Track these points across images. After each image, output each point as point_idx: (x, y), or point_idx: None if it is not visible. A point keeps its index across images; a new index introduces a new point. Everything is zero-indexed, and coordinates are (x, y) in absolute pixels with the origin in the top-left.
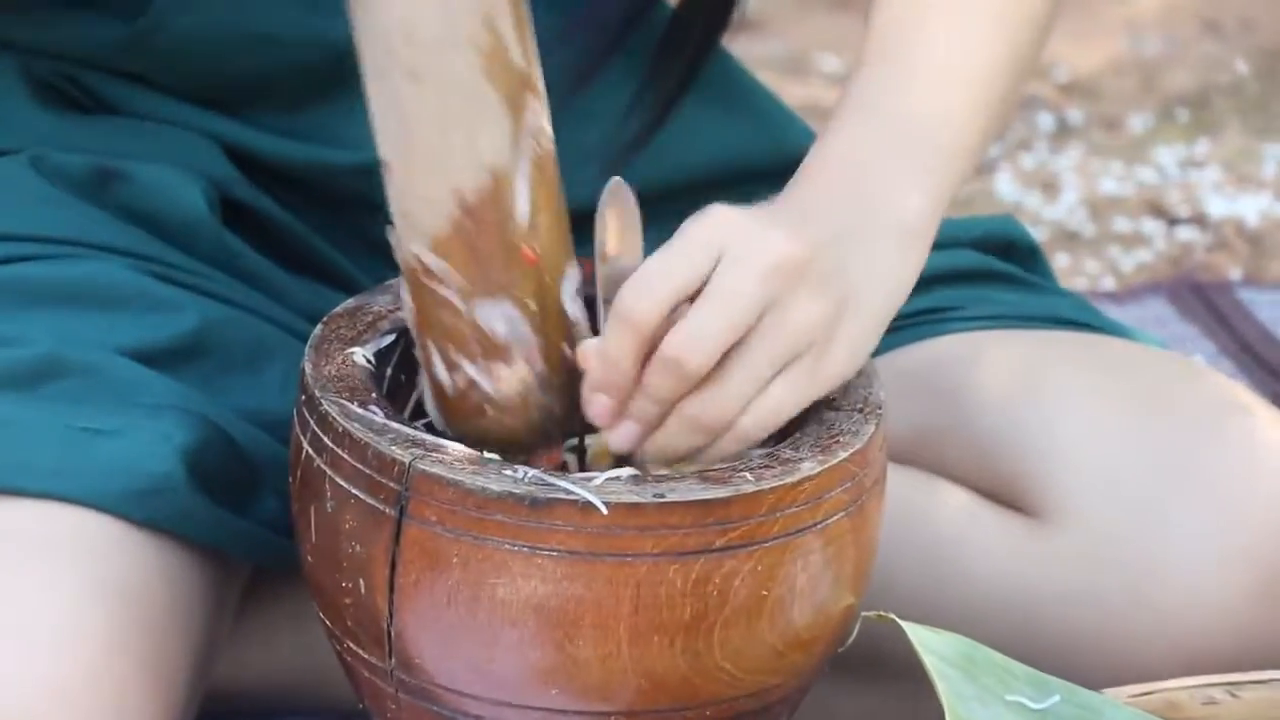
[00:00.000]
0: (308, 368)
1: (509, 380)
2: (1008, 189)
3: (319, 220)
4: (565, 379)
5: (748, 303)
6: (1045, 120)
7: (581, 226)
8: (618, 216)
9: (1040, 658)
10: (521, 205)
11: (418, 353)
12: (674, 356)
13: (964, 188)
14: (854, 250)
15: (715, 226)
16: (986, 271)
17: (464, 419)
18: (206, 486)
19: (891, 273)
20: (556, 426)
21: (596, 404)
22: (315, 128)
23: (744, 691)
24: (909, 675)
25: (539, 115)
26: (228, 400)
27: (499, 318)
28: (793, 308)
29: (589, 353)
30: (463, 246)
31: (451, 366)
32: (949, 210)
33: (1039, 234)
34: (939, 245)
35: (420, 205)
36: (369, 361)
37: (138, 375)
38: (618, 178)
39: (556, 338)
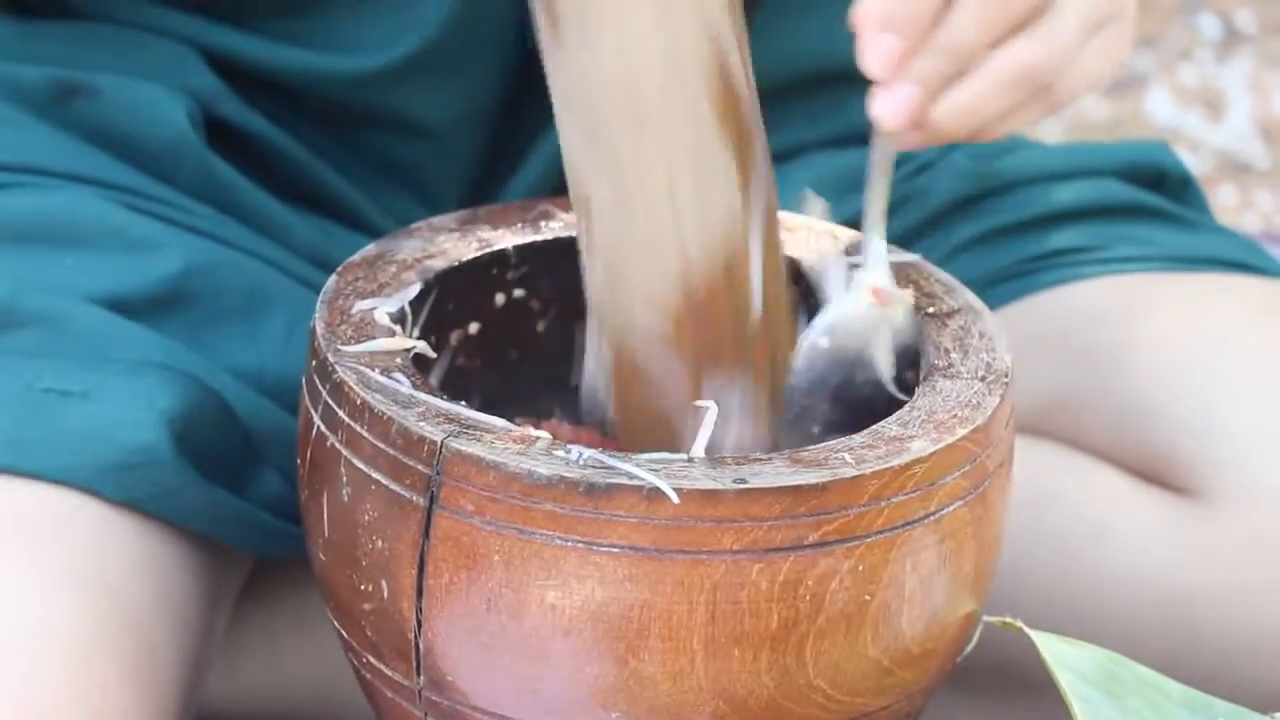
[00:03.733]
0: (319, 327)
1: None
2: (1163, 109)
3: (324, 144)
4: None
5: None
6: (1209, 24)
7: None
8: None
9: (1201, 672)
10: (755, 270)
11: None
12: None
13: (1109, 108)
14: None
15: None
16: (1133, 206)
17: None
18: (196, 460)
19: None
20: None
21: (879, 48)
22: (318, 30)
23: (842, 716)
24: (1040, 690)
25: (767, 162)
26: (219, 357)
27: (723, 396)
28: None
29: None
30: (687, 335)
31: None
32: (1088, 135)
33: (1201, 162)
34: (1075, 175)
35: (638, 276)
36: (393, 320)
37: (111, 326)
38: None
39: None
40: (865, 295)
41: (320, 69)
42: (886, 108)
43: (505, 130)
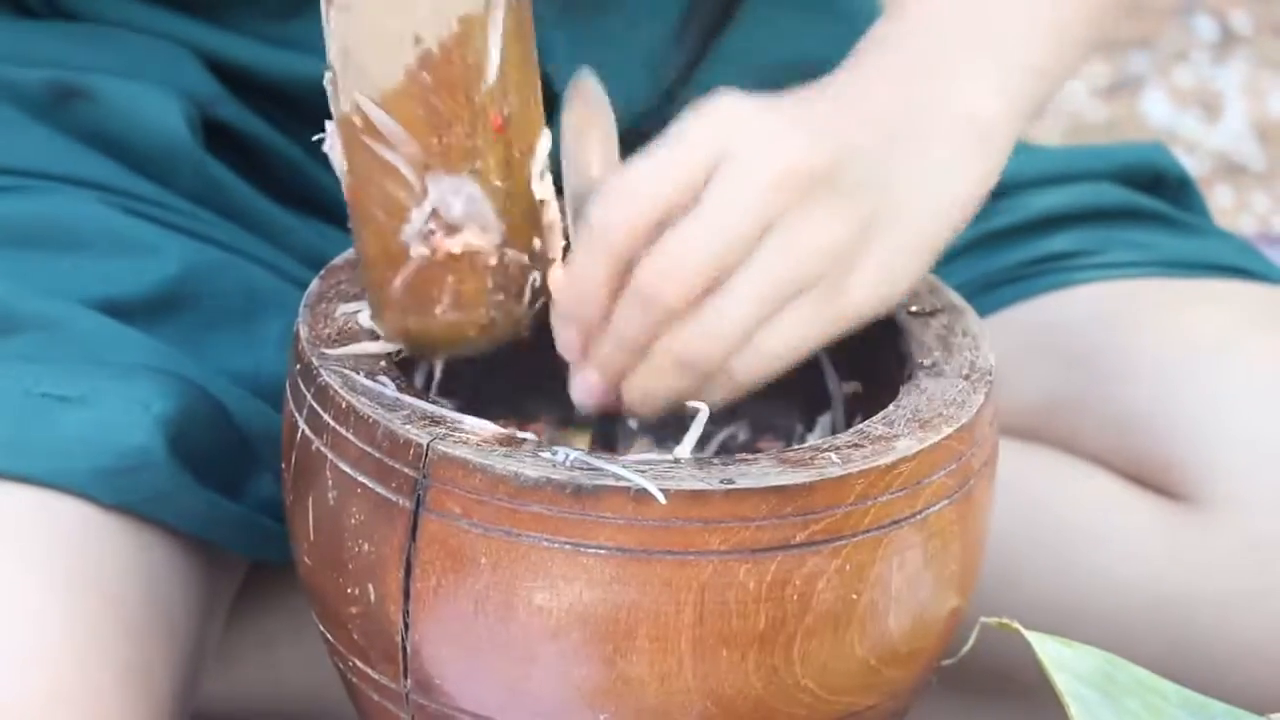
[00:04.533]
0: (303, 331)
1: (463, 265)
2: (1159, 110)
3: (320, 146)
4: (529, 278)
5: (743, 220)
6: (1205, 26)
7: (625, 142)
8: (587, 118)
9: (1197, 675)
10: (492, 61)
11: (350, 225)
12: (647, 289)
13: (1105, 109)
14: (900, 155)
15: (718, 123)
16: (1130, 209)
17: (403, 312)
18: (191, 463)
19: (948, 186)
20: (516, 336)
21: (563, 338)
22: (317, 35)
23: (830, 715)
24: (1037, 692)
25: None
26: (216, 361)
27: (456, 194)
28: (803, 227)
29: (555, 277)
30: (418, 104)
31: (390, 246)
32: (1084, 136)
33: (1197, 164)
34: (1072, 178)
35: (369, 49)
36: None
37: (107, 330)
38: (585, 71)
39: (524, 225)
40: None
41: (320, 74)
42: (578, 390)
43: None
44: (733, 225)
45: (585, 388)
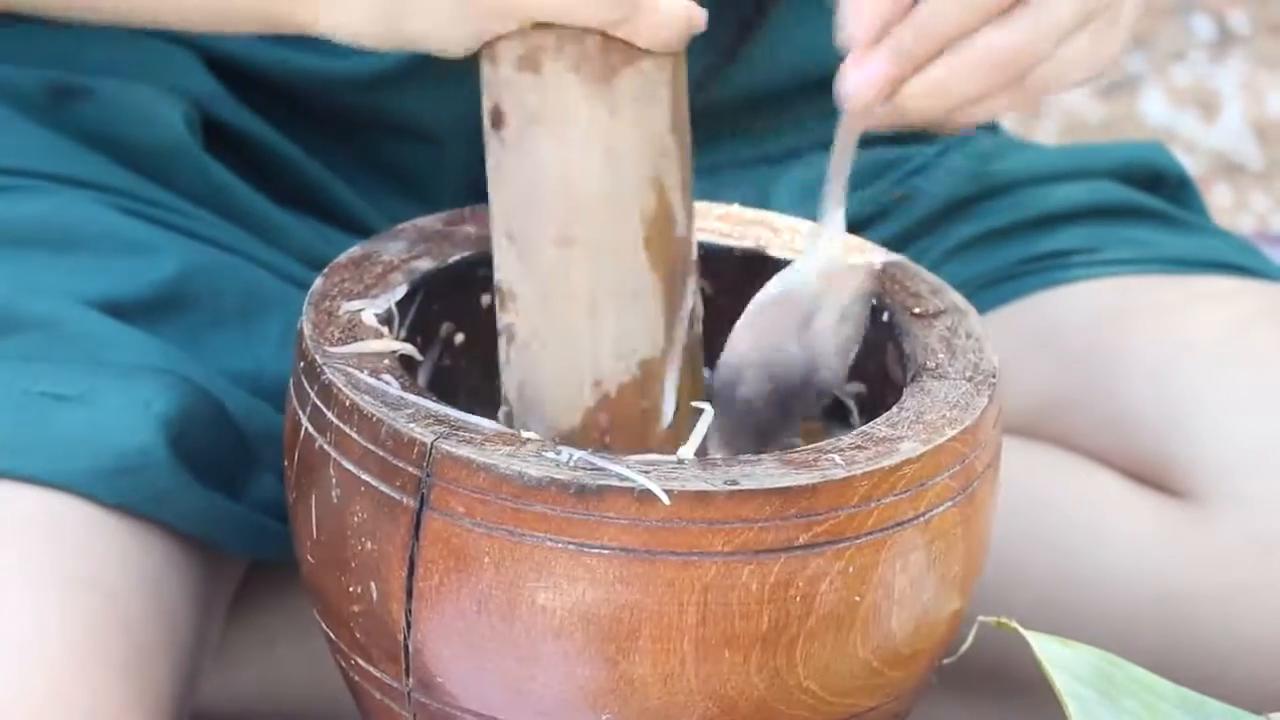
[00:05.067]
0: (307, 328)
1: None
2: (1157, 110)
3: (323, 147)
4: None
5: None
6: (1203, 25)
7: None
8: None
9: (1195, 673)
10: (668, 402)
11: None
12: None
13: (1103, 109)
14: None
15: None
16: (1129, 207)
17: None
18: (191, 463)
19: None
20: None
21: (856, 19)
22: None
23: (832, 716)
24: (1035, 691)
25: (694, 292)
26: (215, 360)
27: None
28: None
29: None
30: (591, 443)
31: None
32: (1082, 135)
33: (1195, 163)
34: (1071, 176)
35: (548, 389)
36: (380, 321)
37: (107, 330)
38: None
39: None
40: (817, 267)
41: (320, 71)
42: (857, 79)
43: None
44: None
45: (868, 75)
